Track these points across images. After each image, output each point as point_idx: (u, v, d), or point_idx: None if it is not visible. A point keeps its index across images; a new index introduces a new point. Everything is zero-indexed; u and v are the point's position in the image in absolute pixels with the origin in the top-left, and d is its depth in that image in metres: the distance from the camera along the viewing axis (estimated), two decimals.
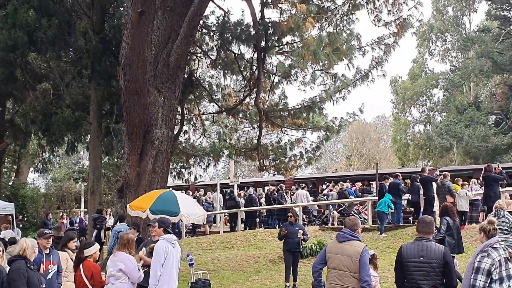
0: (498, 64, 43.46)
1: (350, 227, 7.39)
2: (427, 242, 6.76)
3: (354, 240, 7.28)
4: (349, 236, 7.28)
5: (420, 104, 56.53)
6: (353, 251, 7.12)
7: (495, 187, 15.78)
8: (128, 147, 15.89)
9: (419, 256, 6.64)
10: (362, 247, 7.18)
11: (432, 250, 6.66)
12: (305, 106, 20.46)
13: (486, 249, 6.71)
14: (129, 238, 8.77)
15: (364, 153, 64.00)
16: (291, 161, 21.74)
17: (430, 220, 7.06)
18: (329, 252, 7.34)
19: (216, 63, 20.75)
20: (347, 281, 7.03)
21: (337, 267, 7.13)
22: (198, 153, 22.29)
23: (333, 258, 7.22)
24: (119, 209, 16.07)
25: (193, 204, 13.49)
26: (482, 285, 6.50)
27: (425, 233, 6.88)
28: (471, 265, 6.74)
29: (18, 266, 7.80)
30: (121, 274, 8.34)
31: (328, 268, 7.31)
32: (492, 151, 43.17)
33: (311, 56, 16.33)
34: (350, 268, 7.05)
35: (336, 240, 7.44)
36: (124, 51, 14.46)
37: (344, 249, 7.18)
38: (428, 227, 6.93)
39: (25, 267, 7.80)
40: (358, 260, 7.05)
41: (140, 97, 14.94)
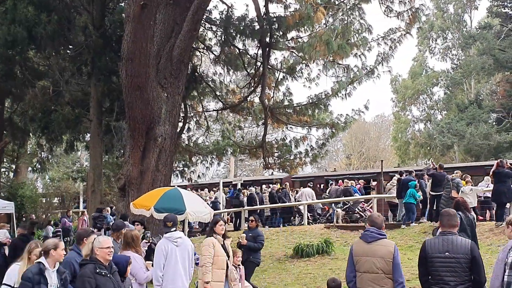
0: (500, 61, 43.12)
1: (376, 225, 6.87)
2: (452, 236, 6.36)
3: (383, 238, 6.79)
4: (377, 236, 6.75)
5: (421, 102, 56.27)
6: (385, 251, 6.62)
7: (508, 182, 15.41)
8: (130, 144, 15.50)
9: (445, 251, 6.25)
10: (393, 246, 6.71)
11: (458, 244, 6.27)
12: (311, 102, 20.12)
13: None
14: (133, 235, 8.39)
15: (364, 152, 63.69)
16: (296, 159, 21.38)
17: (454, 213, 6.66)
18: (357, 255, 6.77)
19: (219, 59, 20.38)
20: (383, 283, 6.56)
21: (370, 270, 6.61)
22: (202, 151, 21.91)
23: (363, 261, 6.69)
24: (121, 208, 15.69)
25: (199, 202, 13.11)
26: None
27: (450, 226, 6.48)
28: (502, 261, 6.34)
29: (83, 273, 6.45)
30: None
31: (358, 272, 6.74)
32: (494, 149, 42.81)
33: (324, 47, 15.92)
34: (384, 269, 6.57)
35: (363, 241, 6.83)
36: (126, 45, 14.12)
37: (374, 250, 6.66)
38: (453, 220, 6.53)
39: (92, 273, 6.38)
40: (391, 260, 6.57)
41: (142, 93, 14.59)
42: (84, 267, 6.50)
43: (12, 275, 7.21)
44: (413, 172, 19.96)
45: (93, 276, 6.33)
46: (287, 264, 16.18)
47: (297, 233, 20.60)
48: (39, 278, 6.51)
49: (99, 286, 6.32)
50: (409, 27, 17.84)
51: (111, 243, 6.72)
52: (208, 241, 9.00)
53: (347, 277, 6.90)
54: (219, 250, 8.93)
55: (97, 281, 6.33)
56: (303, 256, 16.58)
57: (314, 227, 21.32)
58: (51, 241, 6.93)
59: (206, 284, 8.68)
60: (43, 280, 6.53)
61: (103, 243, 6.58)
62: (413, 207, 18.68)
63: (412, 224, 18.59)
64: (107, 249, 6.55)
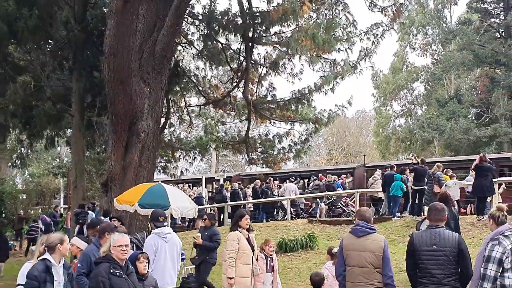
0: (479, 56, 43.49)
1: (365, 219, 6.90)
2: (440, 230, 6.41)
3: (373, 233, 6.83)
4: (368, 230, 6.81)
5: (401, 97, 56.58)
6: (376, 246, 6.68)
7: (489, 177, 15.56)
8: (112, 140, 15.32)
9: (432, 245, 6.30)
10: (383, 240, 6.77)
11: (445, 237, 6.32)
12: (294, 98, 20.08)
13: (497, 237, 6.37)
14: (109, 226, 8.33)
15: (345, 147, 63.96)
16: (279, 154, 21.36)
17: (442, 207, 6.71)
18: (347, 249, 6.80)
19: (202, 54, 20.23)
20: (372, 277, 6.60)
21: (360, 264, 6.64)
22: (184, 147, 21.78)
23: (354, 255, 6.72)
24: (103, 204, 15.55)
25: (184, 198, 13.08)
26: (493, 274, 6.17)
27: (437, 220, 6.53)
28: (481, 254, 6.41)
29: (97, 272, 6.09)
30: None
31: (348, 266, 6.77)
32: (474, 143, 43.19)
33: (310, 41, 15.88)
34: (374, 264, 6.61)
35: (353, 235, 6.87)
36: (108, 39, 13.94)
37: (364, 244, 6.70)
38: (441, 214, 6.58)
39: (106, 273, 6.02)
40: (381, 255, 6.62)
41: (125, 87, 14.42)
42: (99, 266, 6.13)
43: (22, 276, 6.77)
44: (395, 167, 20.11)
45: (107, 276, 5.97)
46: None
47: (280, 228, 20.65)
48: (46, 276, 6.24)
49: (113, 287, 5.97)
50: (393, 22, 17.90)
51: (127, 241, 6.36)
52: (233, 236, 8.75)
53: (337, 271, 6.93)
54: (244, 244, 8.69)
55: (111, 282, 5.96)
56: (287, 251, 16.63)
57: (297, 222, 21.40)
58: (56, 236, 6.66)
59: (230, 280, 8.44)
60: (50, 278, 6.27)
61: (117, 241, 6.22)
62: (398, 200, 18.87)
63: (394, 218, 18.76)
64: (120, 247, 6.18)
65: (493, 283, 6.15)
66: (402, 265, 12.03)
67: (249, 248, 8.72)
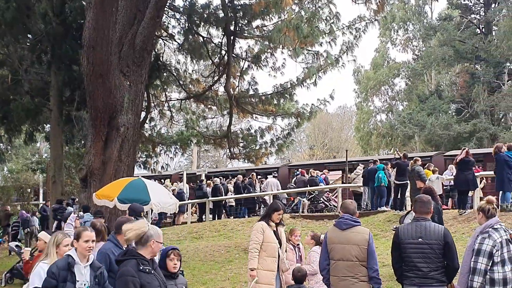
0: (460, 52, 43.77)
1: (350, 212, 6.77)
2: (425, 222, 6.29)
3: (358, 225, 6.71)
4: (352, 222, 6.67)
5: (382, 93, 56.76)
6: (360, 238, 6.54)
7: (472, 171, 15.57)
8: (92, 134, 15.10)
9: (417, 237, 6.18)
10: (368, 233, 6.63)
11: (431, 230, 6.21)
12: (276, 92, 19.94)
13: (487, 230, 6.28)
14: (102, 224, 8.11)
15: (327, 143, 64.06)
16: (261, 149, 21.20)
17: (427, 199, 6.59)
18: (332, 243, 6.66)
19: (183, 47, 20.00)
20: (357, 271, 6.47)
21: (345, 258, 6.52)
22: (165, 142, 21.53)
23: (338, 249, 6.58)
24: (82, 199, 15.29)
25: (164, 193, 12.90)
26: (483, 268, 6.08)
27: (422, 213, 6.41)
28: (471, 247, 6.31)
29: (125, 271, 5.31)
30: None
31: (333, 259, 6.63)
32: (454, 138, 43.45)
33: (293, 32, 15.71)
34: (359, 257, 6.48)
35: (338, 228, 6.73)
36: (87, 32, 13.74)
37: (349, 237, 6.57)
38: (426, 207, 6.45)
39: (136, 271, 5.30)
40: (366, 248, 6.50)
41: (104, 81, 14.22)
42: (125, 264, 5.36)
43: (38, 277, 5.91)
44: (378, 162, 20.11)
45: (137, 275, 5.28)
46: None
47: None
48: (66, 274, 5.49)
49: (144, 285, 5.29)
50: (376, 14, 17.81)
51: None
52: (258, 226, 8.13)
53: (321, 265, 6.78)
54: (269, 236, 8.01)
55: (141, 280, 5.28)
56: None
57: None
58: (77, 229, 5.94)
59: (251, 272, 7.86)
60: (71, 277, 5.52)
61: (160, 237, 5.56)
62: (384, 190, 18.87)
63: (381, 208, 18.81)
64: (160, 244, 5.57)
65: (483, 276, 6.07)
66: (384, 260, 12.00)
67: (275, 240, 8.06)
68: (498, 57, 42.05)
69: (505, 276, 6.12)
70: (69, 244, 5.98)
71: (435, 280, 6.07)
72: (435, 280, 6.07)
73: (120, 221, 7.04)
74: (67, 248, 5.95)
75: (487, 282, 6.09)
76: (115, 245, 6.64)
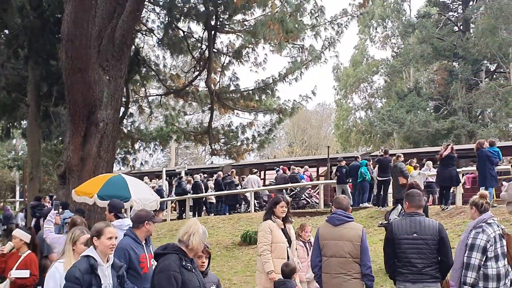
0: (438, 50, 44.03)
1: (342, 207, 6.60)
2: (420, 217, 6.15)
3: (351, 221, 6.54)
4: (345, 218, 6.51)
5: (362, 90, 56.94)
6: (353, 234, 6.38)
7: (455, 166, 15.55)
8: (70, 130, 14.77)
9: (412, 233, 6.04)
10: (361, 229, 6.47)
11: (426, 225, 6.08)
12: (258, 87, 19.73)
13: (480, 224, 6.17)
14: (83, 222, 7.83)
15: (306, 140, 64.17)
16: (243, 145, 20.97)
17: (419, 193, 6.46)
18: (324, 239, 6.48)
19: (163, 42, 19.69)
20: (350, 268, 6.31)
21: (337, 254, 6.34)
22: (144, 138, 21.19)
23: (331, 245, 6.40)
24: (61, 196, 14.95)
25: (145, 189, 12.61)
26: (477, 263, 5.97)
27: (416, 207, 6.26)
28: (464, 242, 6.19)
29: (167, 265, 4.93)
30: None
31: (325, 256, 6.45)
32: (432, 135, 43.70)
33: (278, 25, 15.50)
34: (352, 253, 6.32)
35: (330, 224, 6.56)
36: (66, 25, 13.41)
37: (342, 233, 6.40)
38: (419, 201, 6.32)
39: (178, 266, 4.94)
40: (359, 244, 6.33)
41: (83, 75, 13.91)
42: (167, 258, 4.98)
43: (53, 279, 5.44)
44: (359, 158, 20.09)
45: (179, 270, 4.92)
46: (235, 252, 15.90)
47: (244, 220, 20.35)
48: (90, 278, 4.97)
49: (185, 282, 4.92)
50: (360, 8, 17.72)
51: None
52: (264, 226, 7.56)
53: (312, 262, 6.60)
54: (277, 235, 7.49)
55: (183, 277, 4.92)
56: (252, 243, 16.29)
57: (261, 214, 20.99)
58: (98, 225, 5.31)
59: (270, 275, 7.24)
60: (96, 281, 5.00)
61: (205, 238, 5.23)
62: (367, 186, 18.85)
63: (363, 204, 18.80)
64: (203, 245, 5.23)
65: (477, 272, 5.96)
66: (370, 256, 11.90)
67: (283, 239, 7.52)
68: (476, 55, 42.40)
69: (499, 271, 6.02)
70: (87, 242, 5.47)
71: (429, 276, 5.94)
72: (429, 276, 5.94)
73: (139, 214, 6.64)
74: (85, 246, 5.48)
75: (480, 277, 5.99)
76: (134, 240, 6.24)
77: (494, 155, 14.16)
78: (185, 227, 5.18)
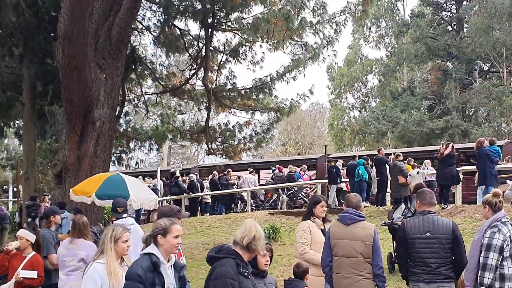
0: (432, 49, 44.05)
1: (353, 205, 6.46)
2: (433, 216, 6.01)
3: (362, 220, 6.40)
4: (357, 217, 6.37)
5: (356, 90, 56.91)
6: (366, 234, 6.24)
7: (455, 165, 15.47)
8: (66, 128, 14.60)
9: (425, 232, 5.91)
10: (373, 228, 6.32)
11: (439, 224, 5.94)
12: (255, 86, 19.55)
13: (495, 224, 6.03)
14: (84, 221, 7.66)
15: (299, 139, 64.09)
16: (240, 144, 20.78)
17: (430, 191, 6.34)
18: (335, 238, 6.33)
19: (159, 40, 19.50)
20: (362, 268, 6.17)
21: (349, 254, 6.20)
22: (140, 137, 20.97)
23: (342, 244, 6.26)
24: (57, 196, 14.77)
25: (144, 188, 12.48)
26: (494, 263, 5.84)
27: (429, 205, 6.13)
28: (478, 242, 6.04)
29: (224, 272, 4.52)
30: (82, 265, 7.23)
31: (336, 256, 6.31)
32: (427, 135, 43.73)
33: (282, 21, 15.32)
34: (364, 253, 6.18)
35: (342, 223, 6.41)
36: (62, 23, 13.24)
37: (353, 232, 6.26)
38: (432, 199, 6.18)
39: (235, 273, 4.54)
40: (371, 244, 6.19)
41: (80, 73, 13.74)
42: (223, 264, 4.57)
43: (92, 281, 5.09)
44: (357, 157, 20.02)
45: (236, 278, 4.51)
46: None
47: (240, 220, 20.20)
48: (153, 277, 4.61)
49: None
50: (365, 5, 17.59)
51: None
52: (303, 225, 7.20)
53: (323, 261, 6.45)
54: (316, 236, 7.10)
55: (240, 284, 4.52)
56: None
57: (258, 213, 21.02)
58: (164, 222, 4.92)
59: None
60: (159, 280, 4.64)
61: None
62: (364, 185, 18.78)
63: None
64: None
65: (494, 272, 5.84)
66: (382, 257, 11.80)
67: (322, 240, 7.06)
68: (470, 54, 42.39)
69: None
70: (128, 240, 5.28)
71: (443, 276, 5.83)
72: (443, 276, 5.83)
73: (162, 211, 6.40)
74: (126, 244, 5.27)
75: (497, 278, 5.86)
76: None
77: (494, 154, 14.11)
78: (243, 229, 4.82)
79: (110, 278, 4.97)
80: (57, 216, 9.05)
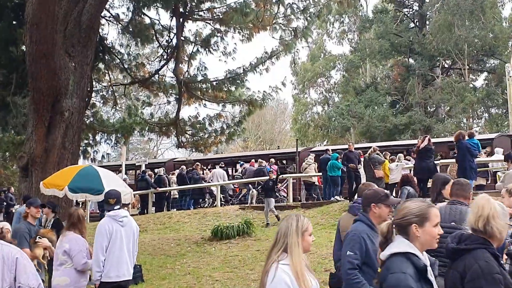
0: (395, 45, 44.33)
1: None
2: (462, 207, 5.73)
3: None
4: None
5: (319, 85, 56.91)
6: None
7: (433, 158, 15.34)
8: (33, 119, 13.94)
9: (450, 221, 5.61)
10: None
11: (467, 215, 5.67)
12: (228, 77, 19.08)
13: None
14: (79, 214, 7.23)
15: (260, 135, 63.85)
16: (211, 137, 20.27)
17: (467, 183, 6.07)
18: (345, 230, 5.85)
19: (128, 29, 18.84)
20: None
21: None
22: (107, 129, 20.25)
23: None
24: (23, 189, 14.08)
25: (119, 181, 11.95)
26: None
27: (460, 196, 5.84)
28: None
29: (487, 267, 3.64)
30: (66, 258, 6.84)
31: None
32: (390, 130, 43.96)
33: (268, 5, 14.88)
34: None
35: (351, 214, 6.07)
36: (30, 8, 12.60)
37: None
38: (465, 191, 5.88)
39: (497, 266, 3.71)
40: None
41: (48, 61, 13.10)
42: (479, 258, 3.72)
43: (287, 285, 3.75)
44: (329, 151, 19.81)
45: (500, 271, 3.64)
46: (207, 247, 15.34)
47: (210, 215, 19.82)
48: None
49: (507, 286, 3.64)
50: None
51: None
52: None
53: (335, 255, 6.12)
54: None
55: (504, 280, 3.66)
56: (223, 238, 15.81)
57: (228, 208, 20.65)
58: (422, 206, 3.60)
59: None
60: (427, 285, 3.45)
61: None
62: (338, 180, 18.59)
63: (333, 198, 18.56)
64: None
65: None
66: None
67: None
68: (432, 51, 42.80)
69: None
70: (311, 234, 4.04)
71: None
72: None
73: (368, 195, 5.30)
74: (312, 238, 4.01)
75: None
76: (370, 228, 5.02)
77: (474, 147, 14.00)
78: (475, 209, 3.90)
79: (299, 282, 3.79)
80: (32, 208, 8.53)
